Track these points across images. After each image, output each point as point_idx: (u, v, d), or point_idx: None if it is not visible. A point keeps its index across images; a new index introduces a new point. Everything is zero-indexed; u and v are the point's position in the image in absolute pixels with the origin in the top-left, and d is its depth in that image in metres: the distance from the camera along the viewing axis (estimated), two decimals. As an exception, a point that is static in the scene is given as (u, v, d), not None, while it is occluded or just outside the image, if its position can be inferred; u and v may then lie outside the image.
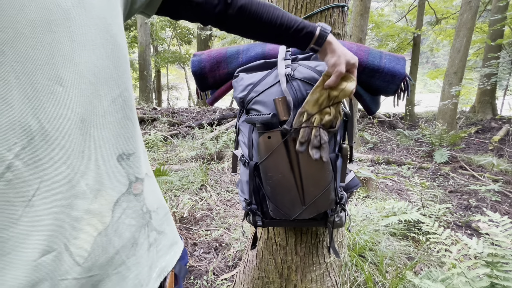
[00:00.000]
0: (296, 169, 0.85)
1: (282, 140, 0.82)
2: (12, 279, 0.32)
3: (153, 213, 0.49)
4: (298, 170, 0.85)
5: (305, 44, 0.70)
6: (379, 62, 0.91)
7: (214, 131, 5.45)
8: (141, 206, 0.46)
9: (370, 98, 0.99)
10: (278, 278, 1.27)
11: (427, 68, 23.91)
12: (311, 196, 0.88)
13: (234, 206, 2.84)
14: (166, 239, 0.53)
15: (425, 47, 12.19)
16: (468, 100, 9.98)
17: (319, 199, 0.88)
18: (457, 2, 9.84)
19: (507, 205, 3.01)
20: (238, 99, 0.92)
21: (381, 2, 11.20)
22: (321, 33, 0.68)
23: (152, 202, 0.50)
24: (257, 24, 0.65)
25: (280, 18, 0.65)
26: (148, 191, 0.49)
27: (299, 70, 0.85)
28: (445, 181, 3.82)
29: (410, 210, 2.30)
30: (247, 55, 0.98)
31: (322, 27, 0.69)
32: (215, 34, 8.36)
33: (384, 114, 8.22)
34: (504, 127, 6.23)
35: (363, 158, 4.67)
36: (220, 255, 2.01)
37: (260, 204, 1.00)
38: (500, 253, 1.26)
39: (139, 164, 0.46)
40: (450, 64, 6.40)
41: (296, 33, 0.67)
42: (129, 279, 0.43)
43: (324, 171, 0.85)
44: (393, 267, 1.67)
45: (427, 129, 5.70)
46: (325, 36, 0.69)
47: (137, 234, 0.45)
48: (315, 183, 0.87)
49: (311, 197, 0.88)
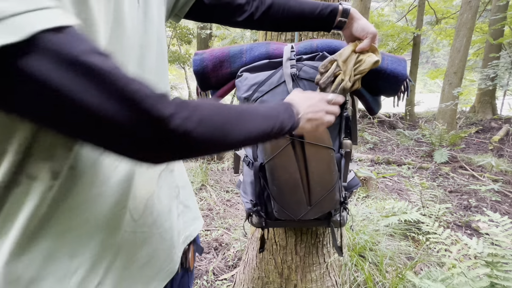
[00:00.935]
0: (303, 169, 0.85)
1: (290, 140, 0.82)
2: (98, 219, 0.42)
3: (181, 188, 0.59)
4: (305, 170, 0.85)
5: (332, 21, 0.73)
6: (381, 64, 0.91)
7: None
8: (173, 181, 0.56)
9: (372, 99, 1.00)
10: (278, 278, 1.28)
11: (427, 68, 23.91)
12: (317, 196, 0.88)
13: (234, 206, 2.84)
14: (190, 212, 0.62)
15: (425, 47, 12.18)
16: (468, 100, 9.97)
17: (324, 199, 0.89)
18: (457, 2, 9.84)
19: (507, 205, 3.01)
20: (242, 99, 0.92)
21: (381, 2, 11.19)
22: (344, 6, 0.72)
23: (181, 179, 0.60)
24: (287, 15, 0.69)
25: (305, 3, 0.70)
26: (177, 170, 0.58)
27: (304, 70, 0.85)
28: (445, 181, 3.82)
29: (410, 210, 2.30)
30: (251, 55, 0.97)
31: (340, 2, 0.74)
32: (215, 34, 8.34)
33: (384, 114, 8.22)
34: (504, 127, 6.23)
35: (363, 158, 4.67)
36: (220, 255, 2.01)
37: (265, 205, 1.00)
38: (500, 253, 1.27)
39: None
40: (450, 64, 6.40)
41: (322, 12, 0.71)
42: (165, 240, 0.52)
43: (330, 171, 0.85)
44: (393, 267, 1.67)
45: (427, 129, 5.70)
46: (349, 8, 0.72)
47: (171, 203, 0.54)
48: (322, 183, 0.87)
49: (317, 197, 0.88)
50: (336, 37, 1.11)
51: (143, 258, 0.48)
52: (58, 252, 0.38)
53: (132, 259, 0.46)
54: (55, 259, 0.38)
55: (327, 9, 0.71)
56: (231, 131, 0.40)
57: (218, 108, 0.39)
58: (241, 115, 0.42)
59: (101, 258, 0.42)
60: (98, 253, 0.42)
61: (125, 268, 0.46)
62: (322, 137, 0.83)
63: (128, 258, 0.46)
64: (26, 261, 0.36)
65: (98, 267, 0.42)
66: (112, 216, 0.42)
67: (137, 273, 0.47)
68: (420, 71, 14.61)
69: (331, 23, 0.73)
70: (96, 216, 0.41)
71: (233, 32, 7.32)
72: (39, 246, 0.37)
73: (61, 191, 0.37)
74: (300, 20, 0.72)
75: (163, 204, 0.51)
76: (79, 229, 0.40)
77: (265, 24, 0.72)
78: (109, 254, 0.43)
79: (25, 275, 0.37)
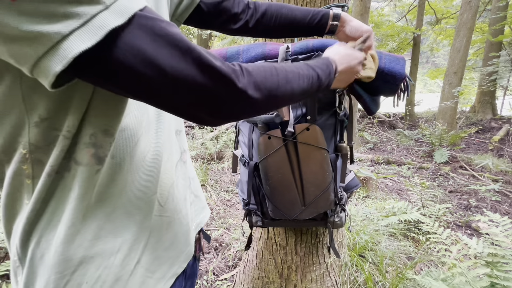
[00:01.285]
0: (296, 170, 0.85)
1: (283, 140, 0.82)
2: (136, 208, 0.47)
3: (192, 179, 0.64)
4: (298, 170, 0.85)
5: (324, 26, 0.75)
6: (379, 63, 0.91)
7: (214, 131, 5.44)
8: (186, 172, 0.61)
9: (370, 99, 0.99)
10: (278, 278, 1.27)
11: (427, 68, 23.90)
12: (311, 196, 0.88)
13: (234, 206, 2.84)
14: (200, 202, 0.67)
15: (425, 47, 12.18)
16: (468, 100, 9.96)
17: (319, 200, 0.88)
18: (457, 2, 9.84)
19: (507, 205, 3.01)
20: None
21: (381, 2, 11.19)
22: (335, 11, 0.74)
23: (191, 171, 0.64)
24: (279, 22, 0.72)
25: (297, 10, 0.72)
26: (188, 162, 0.63)
27: None
28: (445, 181, 3.82)
29: (410, 210, 2.30)
30: (247, 56, 0.98)
31: (331, 7, 0.75)
32: (215, 34, 8.34)
33: (384, 114, 8.22)
34: (504, 127, 6.23)
35: (363, 158, 4.67)
36: (220, 255, 2.01)
37: (260, 204, 1.00)
38: (500, 253, 1.26)
39: (184, 140, 0.61)
40: (450, 64, 6.40)
41: (314, 17, 0.73)
42: (183, 224, 0.57)
43: (324, 171, 0.85)
44: (393, 267, 1.67)
45: (427, 129, 5.71)
46: (339, 13, 0.74)
47: (185, 192, 0.59)
48: (316, 184, 0.86)
49: (311, 197, 0.88)
50: (335, 37, 1.11)
51: (167, 241, 0.53)
52: (104, 232, 0.43)
53: (159, 241, 0.51)
54: (102, 239, 0.43)
55: (318, 15, 0.73)
56: (279, 91, 0.45)
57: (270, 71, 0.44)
58: (287, 76, 0.47)
59: (139, 238, 0.47)
60: (136, 233, 0.47)
61: (155, 250, 0.50)
62: (315, 138, 0.83)
63: (156, 240, 0.51)
64: (78, 242, 0.41)
65: (136, 246, 0.47)
66: (145, 201, 0.48)
67: (164, 255, 0.52)
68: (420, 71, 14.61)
69: (323, 28, 0.75)
70: (134, 200, 0.46)
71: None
72: (89, 227, 0.42)
73: (104, 176, 0.42)
74: (292, 27, 0.74)
75: (180, 193, 0.57)
76: (120, 211, 0.45)
77: (259, 31, 0.75)
78: (145, 236, 0.48)
79: (77, 254, 0.41)
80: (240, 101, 0.40)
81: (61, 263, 0.40)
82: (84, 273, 0.42)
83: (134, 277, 0.47)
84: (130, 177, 0.45)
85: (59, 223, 0.40)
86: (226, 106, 0.39)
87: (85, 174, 0.40)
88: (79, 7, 0.28)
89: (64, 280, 0.41)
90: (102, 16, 0.29)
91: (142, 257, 0.48)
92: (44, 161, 0.39)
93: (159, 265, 0.51)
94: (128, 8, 0.31)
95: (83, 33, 0.28)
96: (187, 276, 0.61)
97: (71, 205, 0.40)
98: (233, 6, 0.70)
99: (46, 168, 0.39)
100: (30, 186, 0.40)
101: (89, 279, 0.42)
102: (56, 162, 0.38)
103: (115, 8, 0.30)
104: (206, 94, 0.37)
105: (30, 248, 0.41)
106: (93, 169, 0.41)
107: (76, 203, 0.40)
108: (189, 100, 0.37)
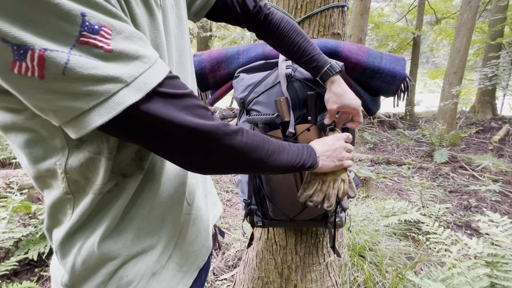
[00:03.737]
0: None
1: (284, 140, 0.82)
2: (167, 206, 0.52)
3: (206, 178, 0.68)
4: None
5: (313, 75, 0.77)
6: (379, 63, 0.91)
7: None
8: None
9: (370, 99, 0.99)
10: (278, 278, 1.27)
11: (427, 68, 23.89)
12: None
13: (234, 206, 2.84)
14: (212, 197, 0.72)
15: (425, 47, 12.18)
16: (468, 100, 9.96)
17: None
18: (457, 2, 9.84)
19: (507, 205, 3.01)
20: (239, 100, 0.92)
21: (381, 2, 11.19)
22: (327, 71, 0.74)
23: None
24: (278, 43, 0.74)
25: (298, 46, 0.73)
26: None
27: (299, 71, 0.85)
28: (445, 181, 3.82)
29: (410, 210, 2.30)
30: (248, 56, 0.98)
31: (331, 65, 0.74)
32: (215, 34, 8.34)
33: (384, 114, 8.22)
34: (504, 127, 6.23)
35: (363, 158, 4.67)
36: (220, 255, 2.01)
37: (261, 204, 1.00)
38: (500, 253, 1.27)
39: None
40: (450, 64, 6.40)
41: (306, 63, 0.74)
42: (204, 220, 0.61)
43: None
44: (393, 267, 1.67)
45: (427, 129, 5.71)
46: (329, 75, 0.74)
47: (204, 190, 0.64)
48: None
49: None
50: (336, 37, 1.11)
51: (192, 236, 0.58)
52: (143, 232, 0.48)
53: (185, 237, 0.56)
54: (141, 238, 0.47)
55: (312, 64, 0.74)
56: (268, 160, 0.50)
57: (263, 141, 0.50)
58: (275, 149, 0.52)
59: (173, 235, 0.52)
60: (170, 231, 0.51)
61: (183, 245, 0.55)
62: (315, 138, 0.83)
63: (185, 236, 0.55)
64: (121, 243, 0.45)
65: (170, 243, 0.52)
66: (176, 201, 0.52)
67: (189, 249, 0.57)
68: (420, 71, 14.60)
69: (313, 76, 0.77)
70: (166, 200, 0.50)
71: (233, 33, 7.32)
72: (129, 229, 0.46)
73: (142, 182, 0.46)
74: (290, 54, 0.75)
75: (201, 191, 0.62)
76: (155, 212, 0.49)
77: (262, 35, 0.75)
78: (176, 232, 0.53)
79: (121, 254, 0.45)
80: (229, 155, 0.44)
81: (106, 263, 0.45)
82: (126, 268, 0.46)
83: (167, 271, 0.51)
84: (162, 180, 0.49)
85: (102, 228, 0.44)
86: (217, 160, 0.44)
87: (132, 184, 0.44)
88: (102, 86, 0.31)
89: (108, 276, 0.45)
90: (122, 93, 0.32)
91: (173, 253, 0.53)
92: (82, 181, 0.42)
93: (186, 259, 0.56)
94: (147, 84, 0.34)
95: (102, 109, 0.32)
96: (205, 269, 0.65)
97: (114, 212, 0.44)
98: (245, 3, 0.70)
99: (92, 186, 0.42)
100: (72, 199, 0.43)
101: (130, 273, 0.46)
102: (103, 181, 0.41)
103: (134, 85, 0.33)
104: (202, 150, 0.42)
105: (71, 255, 0.44)
106: (138, 179, 0.45)
107: (119, 209, 0.44)
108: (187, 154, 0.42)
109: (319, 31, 1.09)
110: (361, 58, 0.91)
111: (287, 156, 0.54)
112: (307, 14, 1.08)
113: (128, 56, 0.32)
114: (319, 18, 1.08)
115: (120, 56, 0.32)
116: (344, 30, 1.16)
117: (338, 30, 1.12)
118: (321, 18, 1.08)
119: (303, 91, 0.84)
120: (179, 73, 0.53)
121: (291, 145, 0.58)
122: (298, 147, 0.60)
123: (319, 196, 0.71)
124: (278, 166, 0.53)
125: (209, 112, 0.42)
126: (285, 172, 0.57)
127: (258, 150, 0.47)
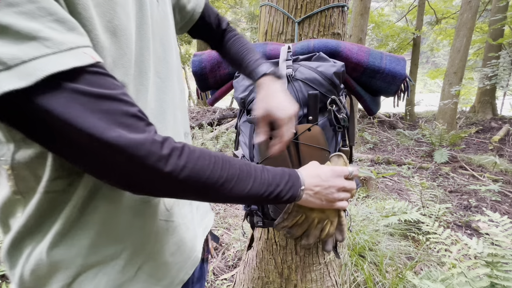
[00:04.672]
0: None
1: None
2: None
3: None
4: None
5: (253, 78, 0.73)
6: (379, 63, 0.91)
7: (214, 131, 5.45)
8: None
9: (370, 99, 0.99)
10: (278, 278, 1.28)
11: (427, 68, 23.90)
12: None
13: (234, 206, 2.84)
14: (204, 206, 0.67)
15: (425, 47, 12.19)
16: (468, 100, 9.97)
17: None
18: (457, 2, 9.84)
19: (507, 205, 3.01)
20: (239, 100, 0.92)
21: (381, 2, 11.19)
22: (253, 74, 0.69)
23: None
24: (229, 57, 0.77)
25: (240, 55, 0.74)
26: None
27: (300, 71, 0.85)
28: (445, 181, 3.82)
29: (410, 210, 2.30)
30: None
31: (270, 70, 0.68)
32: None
33: (384, 114, 8.22)
34: (504, 127, 6.23)
35: (363, 158, 4.68)
36: (220, 255, 2.01)
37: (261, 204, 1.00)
38: (500, 253, 1.26)
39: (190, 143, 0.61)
40: (450, 64, 6.40)
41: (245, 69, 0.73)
42: (189, 230, 0.56)
43: None
44: (393, 267, 1.67)
45: (427, 129, 5.71)
46: (255, 78, 0.69)
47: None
48: None
49: None
50: (336, 37, 1.11)
51: (174, 246, 0.52)
52: (103, 239, 0.42)
53: (165, 246, 0.50)
54: (101, 245, 0.42)
55: (248, 69, 0.71)
56: (220, 189, 0.42)
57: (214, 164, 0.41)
58: (233, 175, 0.43)
59: (143, 243, 0.46)
60: (139, 238, 0.46)
61: (161, 255, 0.49)
62: (317, 139, 0.83)
63: (162, 245, 0.49)
64: (75, 250, 0.40)
65: (139, 252, 0.46)
66: (147, 205, 0.46)
67: (171, 260, 0.51)
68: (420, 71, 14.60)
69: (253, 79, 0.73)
70: (134, 203, 0.44)
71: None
72: (85, 234, 0.40)
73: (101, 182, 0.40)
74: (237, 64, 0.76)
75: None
76: (121, 216, 0.43)
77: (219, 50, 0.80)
78: (149, 240, 0.47)
79: (75, 263, 0.40)
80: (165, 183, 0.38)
81: (58, 274, 0.39)
82: (82, 280, 0.41)
83: (137, 285, 0.45)
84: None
85: (51, 233, 0.38)
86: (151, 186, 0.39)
87: (86, 183, 0.39)
88: None
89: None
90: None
91: (145, 263, 0.47)
92: (31, 179, 0.37)
93: (166, 271, 0.50)
94: (36, 71, 0.28)
95: None
96: (195, 280, 0.60)
97: (65, 214, 0.38)
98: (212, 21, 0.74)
99: (40, 184, 0.37)
100: (22, 201, 0.38)
101: (88, 286, 0.41)
102: (50, 177, 0.37)
103: (19, 70, 0.27)
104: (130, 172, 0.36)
105: (19, 265, 0.40)
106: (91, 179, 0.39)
107: (71, 211, 0.38)
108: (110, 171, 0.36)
109: (319, 31, 1.09)
110: (362, 58, 0.91)
111: (252, 184, 0.45)
112: (307, 14, 1.08)
113: (19, 34, 0.27)
114: (319, 18, 1.08)
115: (4, 31, 0.26)
116: (344, 30, 1.16)
117: (338, 30, 1.12)
118: (321, 18, 1.08)
119: (304, 91, 0.83)
120: (163, 69, 0.49)
121: (265, 171, 0.48)
122: (276, 173, 0.50)
123: (298, 231, 0.63)
124: (237, 196, 0.44)
125: (141, 123, 0.35)
126: (252, 203, 0.49)
127: (204, 176, 0.40)
